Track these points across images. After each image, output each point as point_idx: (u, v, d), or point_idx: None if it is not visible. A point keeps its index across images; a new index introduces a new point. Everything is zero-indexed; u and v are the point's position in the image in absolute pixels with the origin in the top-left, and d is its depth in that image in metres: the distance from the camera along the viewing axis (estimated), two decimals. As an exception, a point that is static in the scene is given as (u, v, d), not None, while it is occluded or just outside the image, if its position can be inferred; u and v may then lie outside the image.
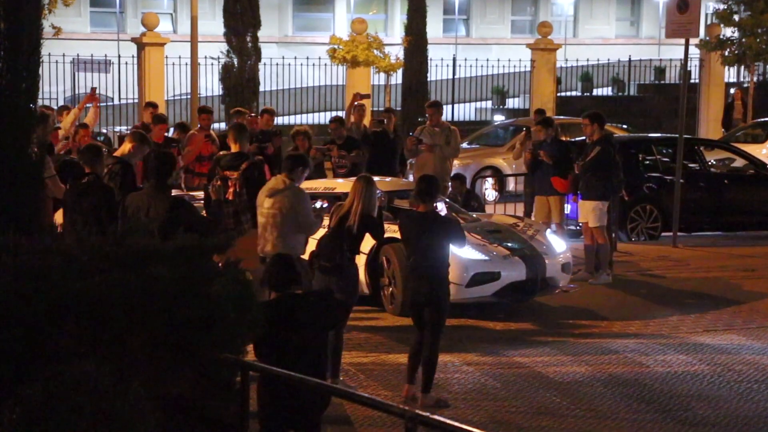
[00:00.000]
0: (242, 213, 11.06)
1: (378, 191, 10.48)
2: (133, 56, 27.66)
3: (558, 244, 13.27)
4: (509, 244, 12.84)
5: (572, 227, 16.48)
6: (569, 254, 13.41)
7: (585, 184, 14.55)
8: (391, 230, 11.51)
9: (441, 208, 10.38)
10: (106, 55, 27.75)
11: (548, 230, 13.79)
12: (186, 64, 24.96)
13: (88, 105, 17.09)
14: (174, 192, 13.66)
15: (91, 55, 27.15)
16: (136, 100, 27.87)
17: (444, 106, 19.76)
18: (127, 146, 11.60)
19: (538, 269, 12.68)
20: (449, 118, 28.89)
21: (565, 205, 15.90)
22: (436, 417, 5.39)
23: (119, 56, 28.20)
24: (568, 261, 13.28)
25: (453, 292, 11.89)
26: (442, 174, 16.00)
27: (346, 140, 16.01)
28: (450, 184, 16.44)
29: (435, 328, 9.67)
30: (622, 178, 14.91)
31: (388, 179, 14.63)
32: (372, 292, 12.68)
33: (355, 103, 17.40)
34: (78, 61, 27.36)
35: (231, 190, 11.05)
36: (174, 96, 28.14)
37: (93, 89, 16.86)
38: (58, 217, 10.57)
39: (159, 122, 15.97)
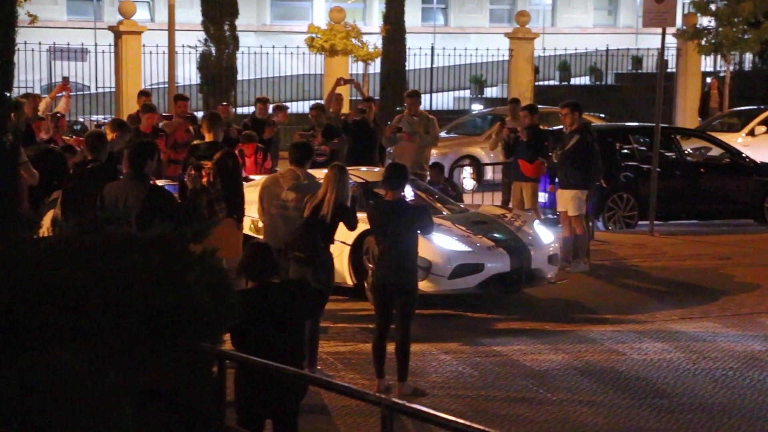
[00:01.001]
0: (216, 202, 11.04)
1: (351, 181, 10.47)
2: (110, 45, 27.56)
3: (545, 236, 13.16)
4: (494, 236, 12.72)
5: (549, 215, 16.53)
6: (557, 245, 13.30)
7: (564, 174, 14.59)
8: None
9: (410, 195, 10.34)
10: (82, 44, 27.64)
11: (536, 221, 13.65)
12: (163, 53, 24.88)
13: (59, 94, 17.02)
14: (160, 182, 13.76)
15: (68, 44, 27.05)
16: (113, 89, 27.77)
17: (422, 95, 19.78)
18: (108, 136, 11.59)
19: (523, 261, 12.55)
20: (427, 107, 28.89)
21: (539, 193, 15.99)
22: (412, 405, 5.40)
23: (96, 44, 28.07)
24: (556, 252, 13.16)
25: (435, 284, 12.06)
26: (421, 163, 16.05)
27: (326, 128, 15.96)
28: (428, 172, 16.47)
29: (405, 317, 9.66)
30: (601, 167, 14.97)
31: (376, 169, 14.55)
32: (356, 284, 12.60)
33: (336, 90, 17.35)
34: (54, 49, 27.25)
35: (205, 179, 11.02)
36: (151, 85, 28.03)
37: (65, 79, 16.78)
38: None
39: (148, 111, 15.61)
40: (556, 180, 14.97)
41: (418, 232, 9.81)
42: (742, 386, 9.96)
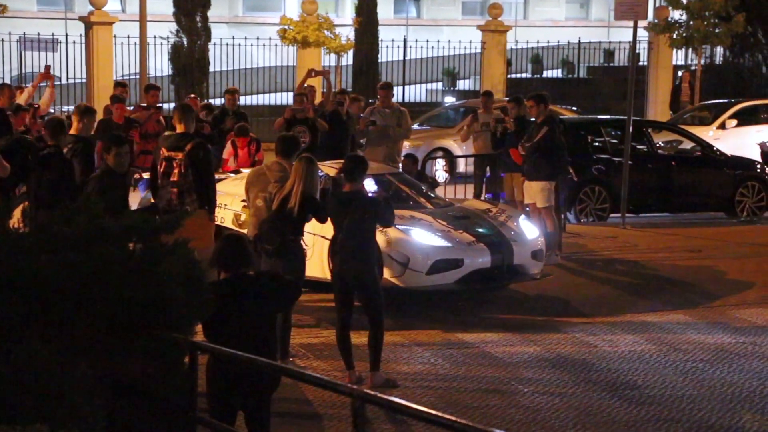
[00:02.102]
0: (187, 194, 10.99)
1: (321, 173, 10.44)
2: (81, 35, 27.40)
3: (530, 231, 12.89)
4: (476, 231, 12.50)
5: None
6: (542, 241, 13.02)
7: (532, 165, 14.62)
8: None
9: (371, 187, 10.24)
10: (53, 34, 27.46)
11: (522, 217, 13.40)
12: (135, 44, 24.75)
13: (42, 84, 16.87)
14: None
15: (38, 34, 26.85)
16: (84, 80, 27.61)
17: (395, 88, 19.76)
18: (78, 125, 11.57)
19: (505, 256, 12.32)
20: (400, 99, 28.88)
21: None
22: (383, 396, 5.41)
23: (67, 35, 27.90)
24: (540, 248, 12.87)
25: (413, 280, 11.91)
26: (393, 155, 16.06)
27: (306, 118, 15.82)
28: (402, 163, 16.44)
29: (371, 309, 9.64)
30: (567, 159, 15.01)
31: None
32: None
33: (307, 81, 17.29)
34: (24, 39, 27.04)
35: (176, 171, 10.97)
36: (123, 76, 27.90)
37: (47, 67, 16.55)
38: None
39: (117, 101, 15.48)
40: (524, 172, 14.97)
41: (378, 225, 9.78)
42: (712, 378, 10.01)
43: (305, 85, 17.19)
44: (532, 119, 14.92)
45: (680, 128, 21.26)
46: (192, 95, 16.57)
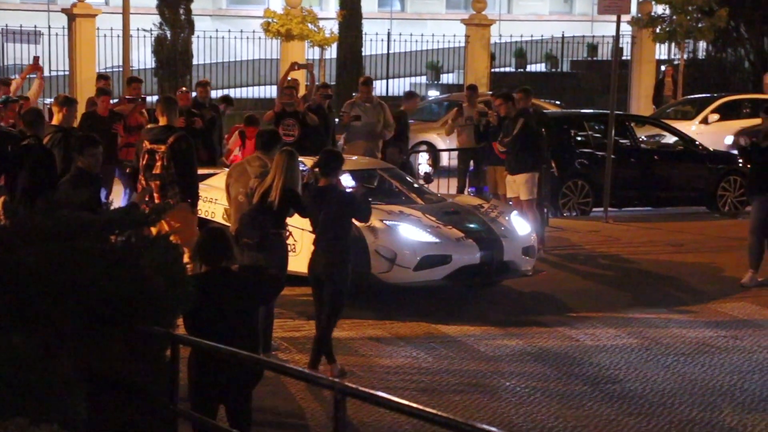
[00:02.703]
0: (170, 186, 10.96)
1: (304, 167, 10.40)
2: (63, 27, 27.28)
3: (521, 227, 12.76)
4: (465, 226, 12.35)
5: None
6: (534, 237, 12.94)
7: (513, 159, 14.67)
8: None
9: (348, 182, 10.17)
10: (35, 26, 27.33)
11: (514, 212, 13.28)
12: (118, 36, 24.67)
13: (31, 75, 16.79)
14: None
15: (20, 26, 26.72)
16: (66, 72, 27.51)
17: (378, 81, 19.76)
18: (58, 115, 11.54)
19: (495, 252, 12.20)
20: (384, 93, 28.87)
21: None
22: (366, 390, 5.41)
23: (49, 27, 27.77)
24: (532, 244, 12.75)
25: (401, 276, 11.83)
26: (373, 150, 15.91)
27: (295, 111, 15.65)
28: (388, 150, 16.34)
29: (332, 306, 9.61)
30: (548, 149, 15.08)
31: (353, 158, 14.27)
32: None
33: (290, 74, 17.23)
34: (6, 31, 26.93)
35: (158, 163, 10.94)
36: (106, 68, 27.79)
37: (36, 58, 16.46)
38: None
39: (102, 94, 15.30)
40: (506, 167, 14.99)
41: (355, 220, 9.74)
42: (693, 372, 10.04)
43: (289, 78, 17.12)
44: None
45: (663, 123, 21.32)
46: (183, 88, 16.36)
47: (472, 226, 12.45)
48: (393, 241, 11.82)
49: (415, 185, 13.89)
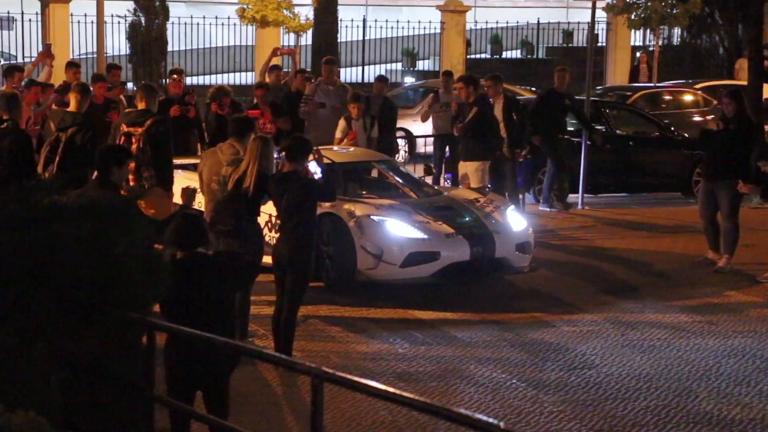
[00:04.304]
0: (145, 168, 10.91)
1: (277, 155, 10.33)
2: (37, 13, 27.12)
3: (516, 223, 12.53)
4: (456, 222, 12.14)
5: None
6: (530, 233, 12.68)
7: (465, 146, 14.77)
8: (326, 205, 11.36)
9: (314, 170, 10.07)
10: (8, 12, 27.19)
11: (511, 207, 13.02)
12: (92, 23, 24.51)
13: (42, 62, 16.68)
14: None
15: (-6, 12, 26.59)
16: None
17: (354, 68, 19.68)
18: (77, 102, 11.55)
19: (486, 249, 12.01)
20: (359, 79, 28.85)
21: None
22: (343, 375, 5.40)
23: (22, 13, 27.60)
24: (527, 240, 12.51)
25: (387, 273, 11.70)
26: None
27: (272, 106, 15.46)
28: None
29: (293, 293, 9.55)
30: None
31: (351, 149, 14.13)
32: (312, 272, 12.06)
33: (272, 61, 17.11)
34: (-21, 17, 26.78)
35: (135, 146, 10.89)
36: (80, 55, 27.66)
37: (48, 45, 16.36)
38: None
39: (98, 80, 15.12)
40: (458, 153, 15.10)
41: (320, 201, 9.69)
42: (669, 357, 10.08)
43: (270, 64, 17.02)
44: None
45: (638, 109, 21.35)
46: (174, 76, 15.94)
47: (463, 221, 12.24)
48: (379, 236, 11.67)
49: (412, 178, 13.65)
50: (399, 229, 11.79)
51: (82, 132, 11.07)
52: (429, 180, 15.30)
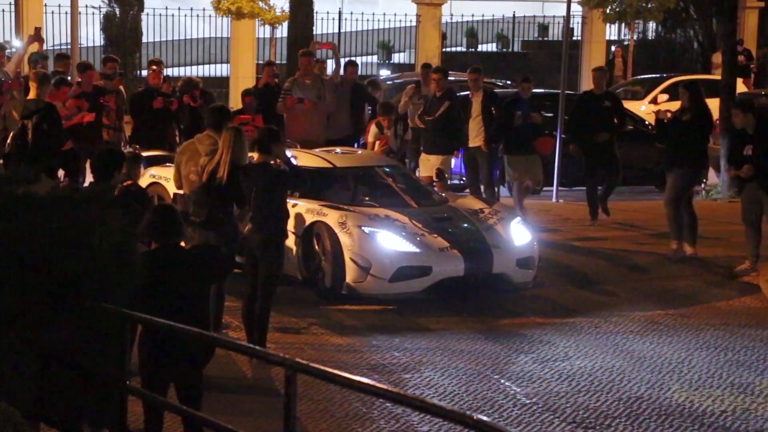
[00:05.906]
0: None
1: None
2: (10, 3, 26.98)
3: (519, 237, 11.87)
4: (453, 235, 11.54)
5: (456, 181, 16.68)
6: (534, 247, 12.01)
7: (432, 139, 14.81)
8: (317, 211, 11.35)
9: (291, 161, 10.03)
10: (-18, 3, 27.04)
11: (516, 219, 12.29)
12: (66, 13, 24.40)
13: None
14: None
15: (-33, 3, 26.44)
16: (14, 50, 27.16)
17: (329, 61, 19.62)
18: (37, 90, 11.52)
19: (482, 264, 11.42)
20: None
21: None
22: (317, 366, 5.41)
23: (-4, 4, 27.50)
24: (530, 255, 11.86)
25: (375, 286, 11.17)
26: (320, 129, 15.52)
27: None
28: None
29: (266, 285, 9.52)
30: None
31: (359, 152, 14.03)
32: (306, 277, 11.64)
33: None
34: (-48, 8, 26.61)
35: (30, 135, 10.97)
36: (54, 46, 27.53)
37: (37, 29, 16.35)
38: None
39: (86, 69, 14.88)
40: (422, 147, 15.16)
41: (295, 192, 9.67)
42: (642, 349, 10.13)
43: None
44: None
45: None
46: (154, 66, 15.67)
47: (460, 234, 11.65)
48: (369, 248, 11.14)
49: (416, 184, 13.20)
50: (390, 241, 11.24)
51: (47, 119, 11.05)
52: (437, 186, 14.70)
